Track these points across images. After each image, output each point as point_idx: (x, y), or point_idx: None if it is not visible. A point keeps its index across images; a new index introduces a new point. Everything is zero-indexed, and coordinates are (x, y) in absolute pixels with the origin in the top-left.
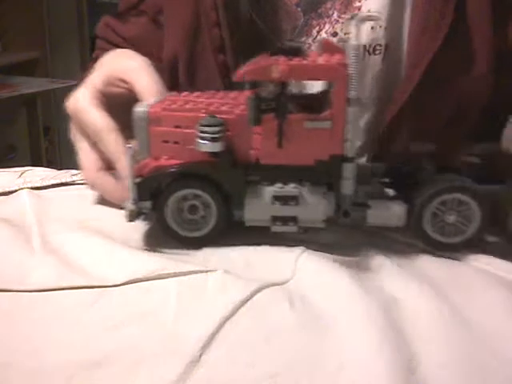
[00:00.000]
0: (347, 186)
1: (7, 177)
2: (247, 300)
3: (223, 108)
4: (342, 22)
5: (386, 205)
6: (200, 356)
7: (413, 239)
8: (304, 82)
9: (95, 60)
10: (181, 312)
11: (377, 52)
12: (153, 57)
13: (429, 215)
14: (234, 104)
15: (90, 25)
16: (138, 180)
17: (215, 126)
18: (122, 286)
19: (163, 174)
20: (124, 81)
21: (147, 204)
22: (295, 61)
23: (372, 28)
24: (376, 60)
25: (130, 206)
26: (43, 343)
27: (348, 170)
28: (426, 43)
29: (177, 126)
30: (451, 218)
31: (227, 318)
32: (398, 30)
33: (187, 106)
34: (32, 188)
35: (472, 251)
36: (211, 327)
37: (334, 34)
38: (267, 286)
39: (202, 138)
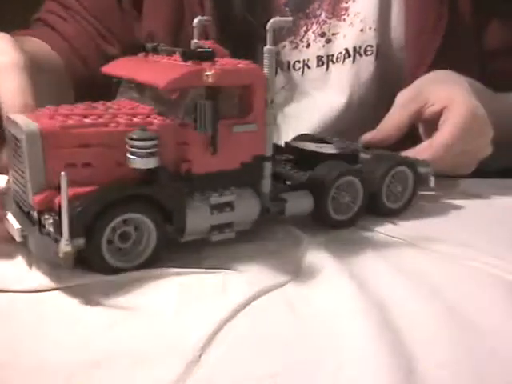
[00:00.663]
0: (267, 185)
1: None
2: (248, 301)
3: (135, 119)
4: (330, 23)
5: (298, 198)
6: (200, 356)
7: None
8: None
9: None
10: (181, 312)
11: (368, 53)
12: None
13: (331, 199)
14: (133, 114)
15: None
16: (69, 212)
17: (149, 139)
18: (121, 286)
19: (100, 200)
20: None
21: (81, 241)
22: (219, 65)
23: (361, 30)
24: (368, 60)
25: (64, 247)
26: (43, 343)
27: (267, 169)
28: (426, 43)
29: (84, 145)
30: (346, 198)
31: (227, 318)
32: (387, 31)
33: (88, 121)
34: None
35: (470, 251)
36: (211, 327)
37: (322, 35)
38: (269, 289)
39: (135, 154)
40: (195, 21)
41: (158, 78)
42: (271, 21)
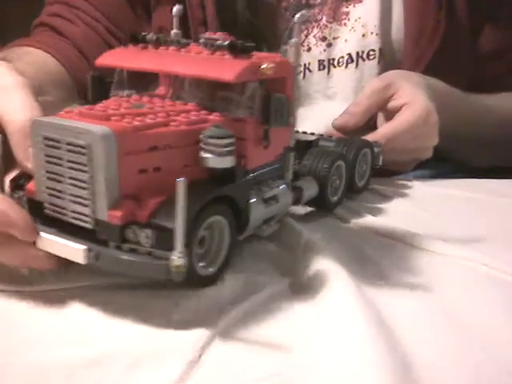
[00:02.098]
0: (289, 175)
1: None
2: (247, 301)
3: (192, 117)
4: (331, 27)
5: (308, 185)
6: (200, 356)
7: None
8: None
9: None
10: (181, 312)
11: (371, 57)
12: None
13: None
14: (183, 111)
15: None
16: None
17: (227, 137)
18: (121, 286)
19: (195, 205)
20: None
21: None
22: (259, 58)
23: (363, 35)
24: (371, 65)
25: (177, 259)
26: (43, 342)
27: (291, 160)
28: (424, 47)
29: (153, 148)
30: (337, 182)
31: (228, 319)
32: (389, 35)
33: (150, 121)
34: None
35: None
36: (211, 327)
37: (323, 39)
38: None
39: (212, 153)
40: (174, 9)
41: (217, 71)
42: (299, 14)
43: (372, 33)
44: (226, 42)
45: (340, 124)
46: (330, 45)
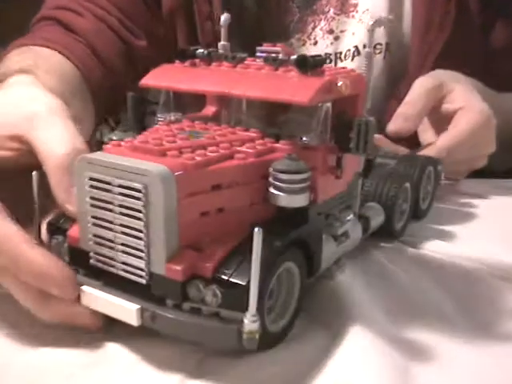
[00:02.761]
0: (357, 203)
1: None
2: None
3: (258, 147)
4: (338, 20)
5: (375, 213)
6: (200, 357)
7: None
8: None
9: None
10: None
11: (377, 51)
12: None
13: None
14: (247, 139)
15: None
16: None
17: (301, 172)
18: None
19: (270, 256)
20: (17, 139)
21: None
22: (338, 73)
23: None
24: (377, 59)
25: (250, 324)
26: (43, 343)
27: (359, 186)
28: (432, 40)
29: (217, 186)
30: (403, 206)
31: None
32: (399, 27)
33: (213, 155)
34: None
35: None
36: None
37: (330, 32)
38: None
39: (282, 190)
40: (222, 19)
41: (287, 92)
42: (374, 20)
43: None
44: (293, 57)
45: (395, 130)
46: (337, 38)
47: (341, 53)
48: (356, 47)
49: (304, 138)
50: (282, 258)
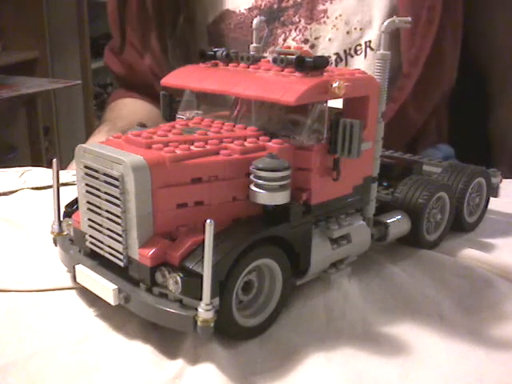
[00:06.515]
0: (371, 209)
1: (7, 177)
2: None
3: (247, 144)
4: (311, 28)
5: (397, 221)
6: (197, 356)
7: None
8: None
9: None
10: None
11: (358, 52)
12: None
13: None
14: (240, 136)
15: (90, 25)
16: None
17: (280, 169)
18: None
19: (234, 249)
20: None
21: (216, 302)
22: (337, 75)
23: (347, 32)
24: (359, 60)
25: (204, 313)
26: (44, 344)
27: (374, 191)
28: (420, 40)
29: (196, 180)
30: (438, 216)
31: None
32: (374, 28)
33: (196, 149)
34: (32, 188)
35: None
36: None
37: (305, 41)
38: None
39: (262, 187)
40: (255, 22)
41: (278, 92)
42: (387, 22)
43: (356, 28)
44: (294, 57)
45: None
46: (312, 46)
47: None
48: (337, 54)
49: (297, 138)
50: (254, 253)
